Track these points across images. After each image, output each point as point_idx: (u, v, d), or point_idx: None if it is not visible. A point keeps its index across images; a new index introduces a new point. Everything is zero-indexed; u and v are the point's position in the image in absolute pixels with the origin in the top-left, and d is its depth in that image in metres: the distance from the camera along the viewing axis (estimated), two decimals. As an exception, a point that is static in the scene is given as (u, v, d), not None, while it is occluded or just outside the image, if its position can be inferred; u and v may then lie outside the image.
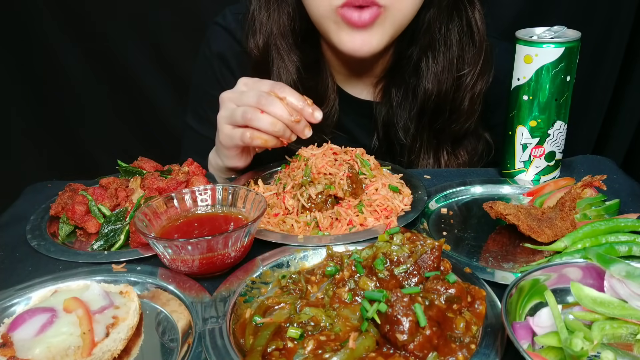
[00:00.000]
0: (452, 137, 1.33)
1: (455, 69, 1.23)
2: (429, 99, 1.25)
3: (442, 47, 1.22)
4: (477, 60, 1.23)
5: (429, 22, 1.20)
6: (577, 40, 1.05)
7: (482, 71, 1.24)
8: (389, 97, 1.32)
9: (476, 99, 1.26)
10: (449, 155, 1.35)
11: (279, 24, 1.21)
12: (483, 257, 0.91)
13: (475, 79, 1.24)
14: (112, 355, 0.70)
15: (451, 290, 0.71)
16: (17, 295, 0.81)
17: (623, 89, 1.62)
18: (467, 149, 1.37)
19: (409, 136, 1.32)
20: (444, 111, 1.27)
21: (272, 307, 0.77)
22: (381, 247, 0.78)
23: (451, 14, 1.21)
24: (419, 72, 1.25)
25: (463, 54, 1.23)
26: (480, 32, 1.22)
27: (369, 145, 1.38)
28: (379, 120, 1.35)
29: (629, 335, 0.68)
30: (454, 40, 1.22)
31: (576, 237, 0.90)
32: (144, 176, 1.08)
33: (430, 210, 1.06)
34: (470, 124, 1.31)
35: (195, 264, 0.83)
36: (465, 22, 1.22)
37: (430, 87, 1.24)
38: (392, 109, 1.32)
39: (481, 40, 1.22)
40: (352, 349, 0.65)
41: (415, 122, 1.30)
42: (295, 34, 1.23)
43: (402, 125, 1.32)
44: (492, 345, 0.68)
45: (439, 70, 1.23)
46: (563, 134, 1.12)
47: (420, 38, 1.23)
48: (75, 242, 1.00)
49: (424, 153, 1.33)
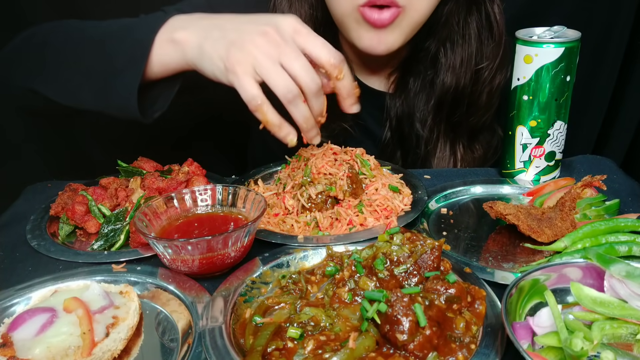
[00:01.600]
0: (469, 130, 1.34)
1: (474, 62, 1.23)
2: (447, 92, 1.25)
3: (461, 41, 1.22)
4: (495, 54, 1.23)
5: (447, 16, 1.20)
6: (577, 40, 1.05)
7: (500, 65, 1.24)
8: (405, 88, 1.32)
9: (494, 92, 1.27)
10: (465, 149, 1.35)
11: (300, 13, 1.20)
12: (483, 257, 0.91)
13: (494, 73, 1.24)
14: (112, 355, 0.70)
15: (451, 290, 0.71)
16: (17, 295, 0.81)
17: (623, 89, 1.62)
18: (482, 143, 1.37)
19: (426, 128, 1.31)
20: (462, 104, 1.28)
21: (272, 307, 0.77)
22: (381, 247, 0.78)
23: (470, 8, 1.21)
24: (437, 64, 1.25)
25: (482, 48, 1.23)
26: (499, 25, 1.22)
27: (381, 137, 1.37)
28: (392, 112, 1.34)
29: (629, 335, 0.68)
30: (472, 34, 1.22)
31: (576, 237, 0.90)
32: (144, 176, 1.08)
33: (430, 210, 1.06)
34: (487, 118, 1.31)
35: (195, 264, 0.83)
36: (484, 16, 1.22)
37: (448, 80, 1.24)
38: (408, 100, 1.31)
39: (500, 34, 1.23)
40: (352, 349, 0.65)
41: (432, 114, 1.30)
42: (317, 23, 1.23)
43: (419, 117, 1.31)
44: (492, 345, 0.68)
45: (457, 63, 1.23)
46: (563, 134, 1.12)
47: (439, 31, 1.23)
48: (75, 242, 1.00)
49: (441, 145, 1.33)
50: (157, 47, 0.96)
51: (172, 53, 0.96)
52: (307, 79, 0.88)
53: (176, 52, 0.96)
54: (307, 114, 0.92)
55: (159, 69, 0.99)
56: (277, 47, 0.88)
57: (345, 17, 1.12)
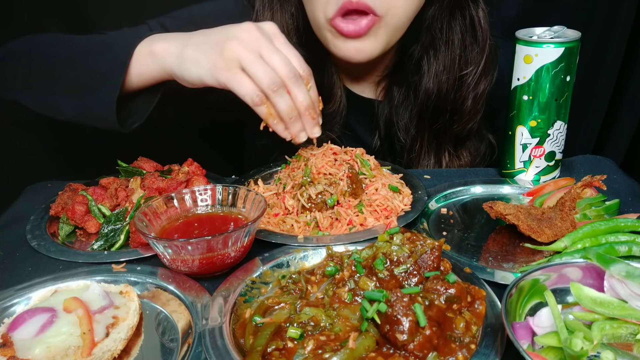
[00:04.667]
0: (455, 138, 1.32)
1: (458, 68, 1.22)
2: (429, 98, 1.24)
3: (444, 46, 1.21)
4: (480, 60, 1.22)
5: (431, 20, 1.19)
6: (577, 40, 1.05)
7: (485, 70, 1.23)
8: (391, 96, 1.31)
9: (479, 99, 1.25)
10: (450, 156, 1.33)
11: (282, 24, 1.21)
12: (483, 257, 0.91)
13: (478, 79, 1.23)
14: (112, 355, 0.70)
15: (451, 290, 0.71)
16: (17, 295, 0.81)
17: (623, 89, 1.62)
18: (469, 149, 1.35)
19: (408, 137, 1.31)
20: (444, 111, 1.26)
21: (272, 307, 0.77)
22: (381, 247, 0.78)
23: (453, 12, 1.20)
24: (421, 70, 1.24)
25: (465, 53, 1.22)
26: (483, 30, 1.21)
27: (371, 144, 1.37)
28: (381, 119, 1.34)
29: (629, 335, 0.68)
30: (455, 39, 1.21)
31: (576, 237, 0.90)
32: (144, 176, 1.08)
33: (430, 210, 1.06)
34: (473, 125, 1.29)
35: (195, 264, 0.83)
36: (468, 21, 1.21)
37: (430, 86, 1.22)
38: (394, 108, 1.31)
39: (484, 38, 1.21)
40: (352, 349, 0.65)
41: (415, 122, 1.29)
42: (299, 33, 1.23)
43: (402, 125, 1.30)
44: (492, 345, 0.68)
45: (440, 69, 1.21)
46: (563, 134, 1.12)
47: (422, 36, 1.22)
48: (75, 242, 1.00)
49: (425, 154, 1.32)
50: (135, 60, 0.99)
51: (151, 64, 0.98)
52: (287, 70, 0.92)
53: (155, 62, 0.98)
54: (291, 103, 0.95)
55: (138, 80, 1.01)
56: (257, 41, 0.92)
57: (321, 28, 1.13)
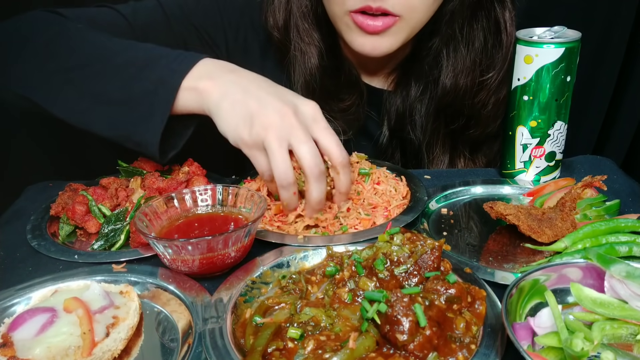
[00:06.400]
0: (471, 142, 1.30)
1: (478, 71, 1.20)
2: (445, 95, 1.22)
3: (464, 43, 1.18)
4: (502, 65, 1.19)
5: (451, 14, 1.16)
6: (578, 41, 1.05)
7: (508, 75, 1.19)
8: (405, 86, 1.28)
9: (500, 103, 1.23)
10: (466, 160, 1.31)
11: (299, 5, 1.18)
12: (483, 257, 0.91)
13: (500, 82, 1.21)
14: (112, 355, 0.70)
15: (451, 291, 0.71)
16: (17, 295, 0.80)
17: (623, 89, 1.62)
18: (485, 152, 1.33)
19: (423, 134, 1.28)
20: (461, 114, 1.24)
21: (272, 307, 0.77)
22: (381, 247, 0.78)
23: (475, 12, 1.17)
24: (439, 64, 1.21)
25: (487, 56, 1.20)
26: (508, 34, 1.18)
27: (378, 138, 1.34)
28: (391, 111, 1.31)
29: (629, 336, 0.68)
30: (477, 41, 1.18)
31: (576, 237, 0.90)
32: (144, 176, 1.08)
33: (430, 210, 1.06)
34: (492, 129, 1.27)
35: (195, 264, 0.83)
36: (493, 22, 1.18)
37: (448, 83, 1.20)
38: (409, 100, 1.28)
39: (509, 43, 1.18)
40: (352, 349, 0.65)
41: (432, 119, 1.27)
42: (317, 16, 1.20)
43: (417, 121, 1.28)
44: (492, 345, 0.68)
45: (458, 68, 1.19)
46: (563, 134, 1.12)
47: (442, 29, 1.18)
48: (76, 242, 1.00)
49: (439, 154, 1.30)
50: (180, 92, 0.96)
51: (192, 99, 0.96)
52: (312, 163, 0.88)
53: (196, 99, 0.96)
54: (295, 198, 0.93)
55: (177, 110, 0.99)
56: (289, 128, 0.88)
57: (338, 19, 1.11)
